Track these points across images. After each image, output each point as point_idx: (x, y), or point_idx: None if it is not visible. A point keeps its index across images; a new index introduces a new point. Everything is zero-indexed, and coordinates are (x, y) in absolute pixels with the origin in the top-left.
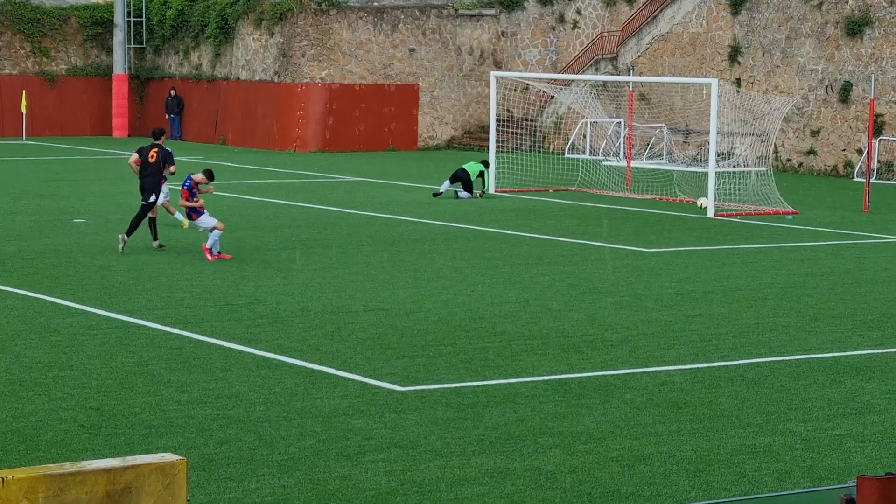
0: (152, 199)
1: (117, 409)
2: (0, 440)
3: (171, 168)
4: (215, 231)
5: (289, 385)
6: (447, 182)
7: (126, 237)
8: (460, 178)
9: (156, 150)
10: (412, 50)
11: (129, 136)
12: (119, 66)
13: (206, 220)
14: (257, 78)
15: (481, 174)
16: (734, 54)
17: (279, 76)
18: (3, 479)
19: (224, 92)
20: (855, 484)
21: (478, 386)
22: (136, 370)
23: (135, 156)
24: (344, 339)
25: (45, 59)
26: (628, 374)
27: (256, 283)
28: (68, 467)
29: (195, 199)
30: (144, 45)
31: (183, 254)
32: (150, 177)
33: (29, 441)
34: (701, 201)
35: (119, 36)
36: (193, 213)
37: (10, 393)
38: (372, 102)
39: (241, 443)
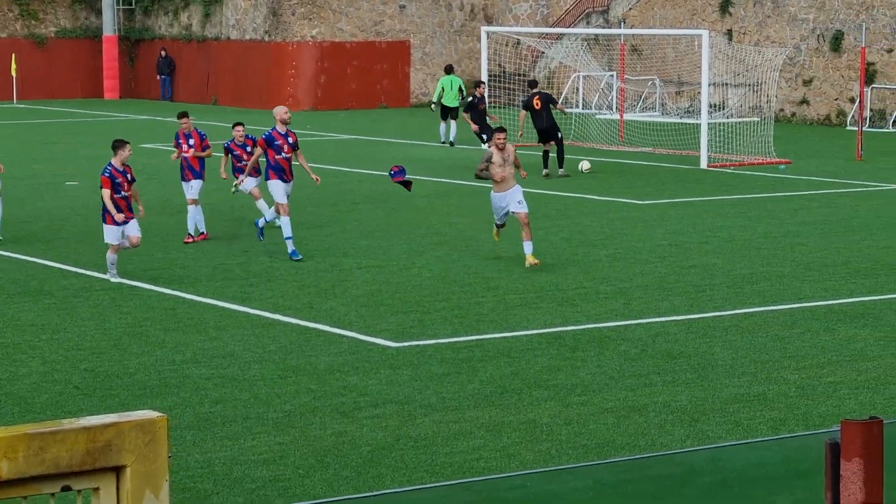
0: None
1: (112, 370)
2: None
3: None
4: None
5: (283, 343)
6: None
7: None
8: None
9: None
10: (402, 6)
11: (120, 97)
12: (108, 28)
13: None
14: (248, 37)
15: (460, 89)
16: (725, 5)
17: (270, 35)
18: None
19: (215, 52)
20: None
21: (472, 340)
22: (130, 331)
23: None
24: (338, 296)
25: (33, 22)
26: (623, 325)
27: (250, 242)
28: (48, 426)
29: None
30: (133, 6)
31: (175, 215)
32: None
33: (24, 403)
34: (582, 165)
35: None
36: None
37: (5, 356)
38: (363, 60)
39: (236, 401)
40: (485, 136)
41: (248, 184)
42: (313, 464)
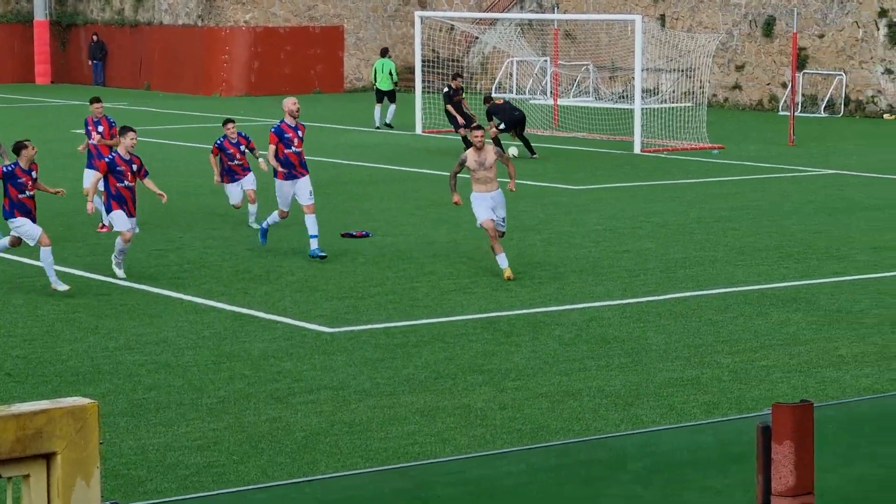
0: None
1: (44, 356)
2: None
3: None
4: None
5: (217, 329)
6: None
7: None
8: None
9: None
10: None
11: (51, 82)
12: (40, 13)
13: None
14: (181, 22)
15: (391, 73)
16: None
17: (203, 20)
18: None
19: (147, 37)
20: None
21: (407, 326)
22: (63, 318)
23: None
24: (272, 282)
25: None
26: (557, 310)
27: (184, 228)
28: None
29: None
30: None
31: None
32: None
33: None
34: (510, 151)
35: None
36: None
37: None
38: (297, 45)
39: (169, 388)
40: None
41: (247, 182)
42: (247, 450)
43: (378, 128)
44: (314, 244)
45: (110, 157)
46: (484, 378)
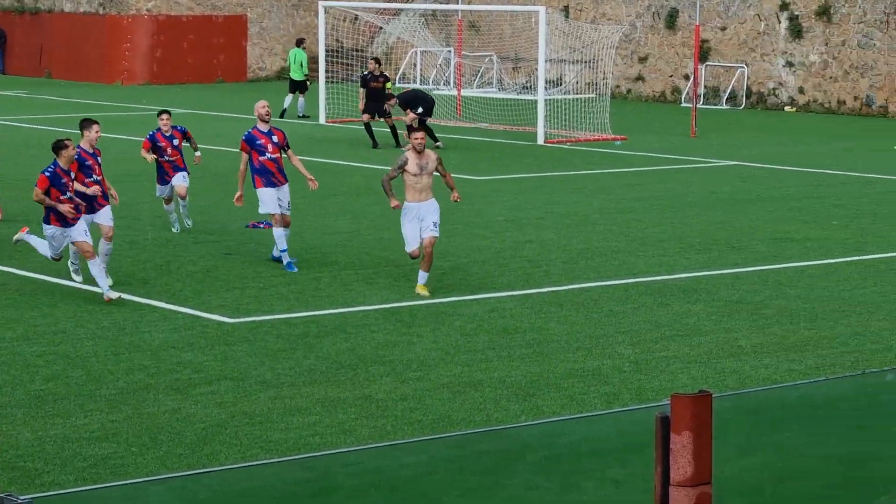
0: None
1: None
2: None
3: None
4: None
5: (117, 319)
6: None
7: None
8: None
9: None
10: None
11: None
12: None
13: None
14: (82, 10)
15: (301, 64)
16: None
17: (104, 8)
18: None
19: (48, 24)
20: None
21: (308, 316)
22: None
23: None
24: (173, 272)
25: None
26: (459, 301)
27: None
28: None
29: None
30: None
31: (7, 190)
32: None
33: None
34: (409, 115)
35: None
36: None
37: None
38: (200, 34)
39: (68, 378)
40: (371, 116)
41: (177, 179)
42: (147, 441)
43: (281, 116)
44: (286, 258)
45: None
46: (385, 369)
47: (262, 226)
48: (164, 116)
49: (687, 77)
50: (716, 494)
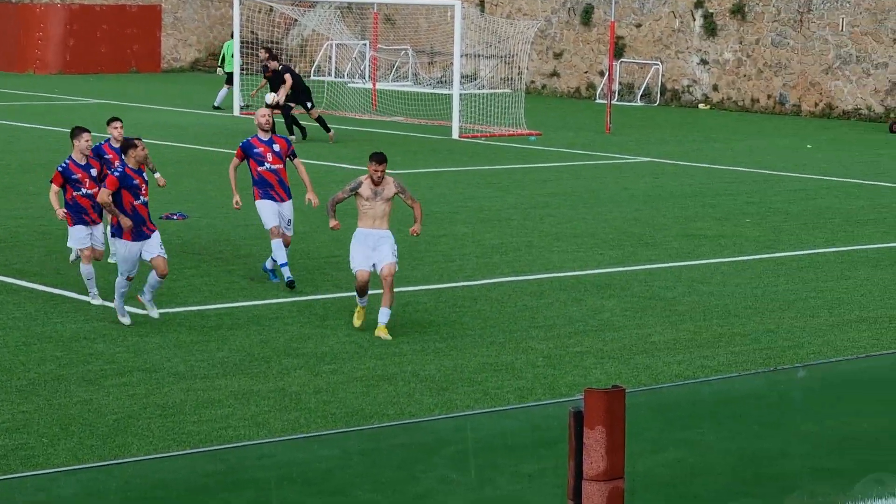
0: None
1: None
2: None
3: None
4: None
5: (28, 310)
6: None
7: None
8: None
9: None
10: None
11: None
12: None
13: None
14: None
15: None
16: None
17: None
18: None
19: None
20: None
21: (222, 308)
22: None
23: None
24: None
25: None
26: (372, 294)
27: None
28: None
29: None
30: None
31: None
32: None
33: None
34: (267, 97)
35: None
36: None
37: None
38: (113, 23)
39: None
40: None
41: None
42: (58, 432)
43: (216, 107)
44: (287, 272)
45: (63, 165)
46: (299, 362)
47: (175, 217)
48: (116, 124)
49: (602, 73)
50: (628, 489)
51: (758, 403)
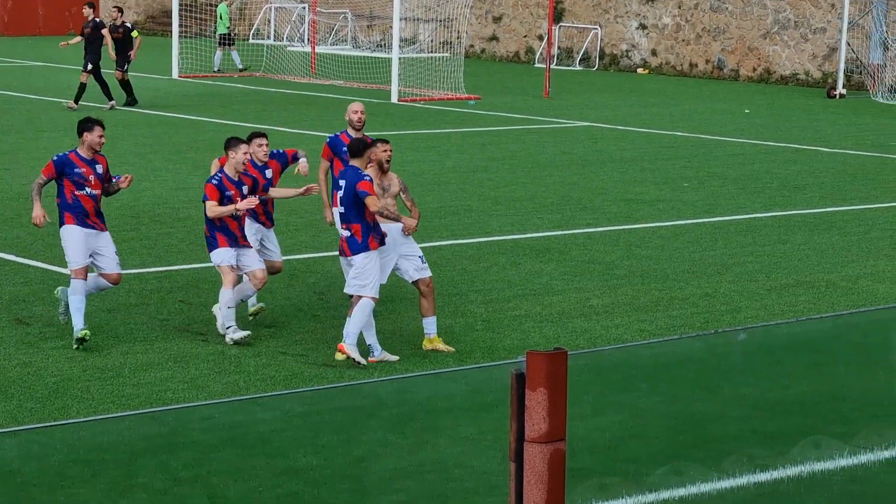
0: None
1: None
2: None
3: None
4: None
5: None
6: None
7: None
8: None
9: None
10: None
11: None
12: None
13: None
14: None
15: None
16: None
17: None
18: None
19: None
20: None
21: (161, 271)
22: None
23: None
24: (24, 225)
25: None
26: (312, 258)
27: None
28: None
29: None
30: None
31: None
32: None
33: None
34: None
35: None
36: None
37: None
38: None
39: None
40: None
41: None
42: None
43: (218, 71)
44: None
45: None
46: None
47: (115, 179)
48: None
49: (541, 38)
50: (569, 452)
51: (696, 367)
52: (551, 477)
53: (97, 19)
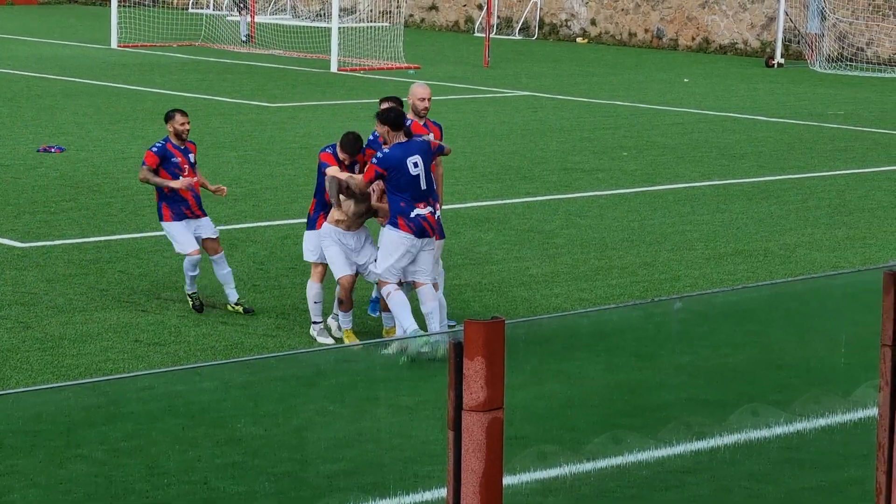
0: None
1: None
2: None
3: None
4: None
5: None
6: None
7: None
8: None
9: None
10: None
11: None
12: None
13: None
14: None
15: None
16: None
17: None
18: None
19: None
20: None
21: (101, 241)
22: None
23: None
24: None
25: None
26: (252, 227)
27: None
28: None
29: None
30: None
31: None
32: None
33: None
34: None
35: None
36: None
37: None
38: None
39: None
40: None
41: None
42: None
43: (246, 38)
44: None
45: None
46: (178, 294)
47: (53, 150)
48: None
49: (480, 7)
50: (507, 420)
51: (634, 336)
52: (489, 445)
53: None
